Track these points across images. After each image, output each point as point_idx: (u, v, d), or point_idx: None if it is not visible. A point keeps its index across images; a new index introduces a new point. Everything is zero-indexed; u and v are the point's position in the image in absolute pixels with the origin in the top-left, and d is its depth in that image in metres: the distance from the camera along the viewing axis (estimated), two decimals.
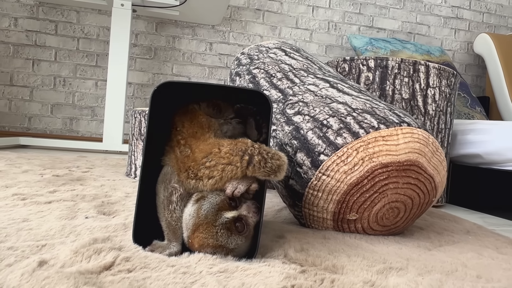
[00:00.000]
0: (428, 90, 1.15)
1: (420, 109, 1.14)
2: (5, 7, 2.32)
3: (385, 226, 0.65)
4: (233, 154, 0.49)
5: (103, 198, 0.77)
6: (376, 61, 1.15)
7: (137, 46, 2.52)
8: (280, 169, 0.49)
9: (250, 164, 0.47)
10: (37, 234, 0.50)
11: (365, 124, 0.63)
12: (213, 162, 0.49)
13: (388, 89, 1.14)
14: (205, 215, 0.46)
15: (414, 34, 3.02)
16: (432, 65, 1.15)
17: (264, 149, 0.49)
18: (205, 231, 0.46)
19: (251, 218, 0.48)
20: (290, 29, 2.75)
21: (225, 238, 0.46)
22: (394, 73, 1.14)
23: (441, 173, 0.65)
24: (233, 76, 1.11)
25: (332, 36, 2.83)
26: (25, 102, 2.38)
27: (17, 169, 1.05)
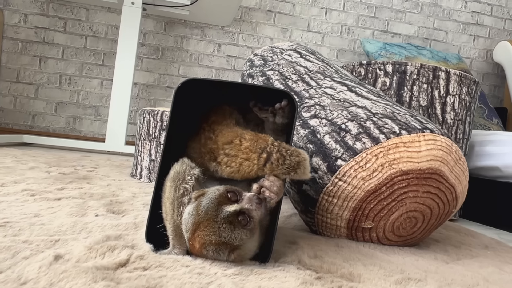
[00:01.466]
0: (448, 97, 1.15)
1: (438, 117, 1.14)
2: (16, 3, 2.36)
3: (401, 236, 0.65)
4: (252, 150, 0.50)
5: (111, 197, 0.78)
6: (394, 66, 1.16)
7: (145, 46, 2.55)
8: (299, 166, 0.50)
9: (267, 161, 0.48)
10: (50, 229, 0.51)
11: (386, 130, 0.64)
12: (233, 152, 0.51)
13: (405, 95, 1.14)
14: (205, 211, 0.45)
15: (431, 40, 3.02)
16: (453, 72, 1.16)
17: (283, 147, 0.50)
18: (207, 228, 0.44)
19: (254, 211, 0.46)
20: (301, 31, 2.77)
21: (229, 233, 0.44)
22: (412, 79, 1.14)
23: (463, 183, 0.65)
24: (246, 77, 1.12)
25: (344, 40, 2.85)
26: (30, 100, 2.41)
27: (23, 165, 1.07)
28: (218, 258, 0.45)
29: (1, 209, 0.58)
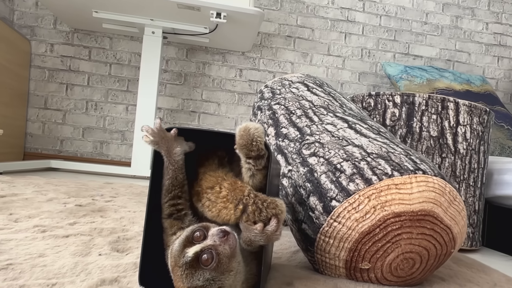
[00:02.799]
0: (458, 128, 1.14)
1: (450, 148, 1.13)
2: (43, 34, 2.50)
3: (400, 277, 0.65)
4: (229, 200, 0.52)
5: (120, 232, 0.82)
6: (403, 97, 1.16)
7: (168, 72, 2.64)
8: (275, 219, 0.51)
9: (244, 213, 0.50)
10: (50, 271, 0.54)
11: (379, 171, 0.65)
12: (213, 198, 0.53)
13: (415, 126, 1.14)
14: (174, 256, 0.45)
15: (453, 61, 2.98)
16: (462, 102, 1.15)
17: (259, 199, 0.51)
18: (175, 274, 0.45)
19: (220, 246, 0.44)
20: (322, 56, 2.80)
21: (190, 278, 0.43)
22: (421, 110, 1.14)
23: (459, 223, 0.65)
24: (255, 109, 1.15)
25: (365, 63, 2.85)
26: (57, 125, 2.53)
27: (43, 196, 1.13)
28: None
29: (8, 248, 0.62)
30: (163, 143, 0.53)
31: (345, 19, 2.83)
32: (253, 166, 0.56)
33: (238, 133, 0.55)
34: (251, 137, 0.55)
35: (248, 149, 0.55)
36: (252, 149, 0.55)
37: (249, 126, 0.55)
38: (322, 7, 2.81)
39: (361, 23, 2.84)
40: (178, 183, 0.53)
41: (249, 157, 0.55)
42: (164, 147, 0.53)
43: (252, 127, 0.55)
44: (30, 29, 2.50)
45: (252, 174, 0.56)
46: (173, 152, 0.53)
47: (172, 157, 0.53)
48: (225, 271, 0.44)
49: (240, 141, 0.55)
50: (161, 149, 0.53)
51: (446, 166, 1.13)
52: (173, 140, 0.54)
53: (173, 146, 0.53)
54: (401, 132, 1.15)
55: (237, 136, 0.55)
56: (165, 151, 0.53)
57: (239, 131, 0.55)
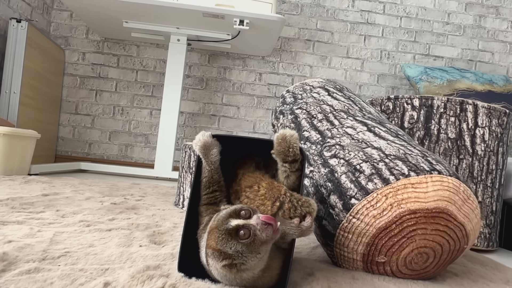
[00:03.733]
0: (477, 129, 1.18)
1: (468, 149, 1.17)
2: (75, 43, 2.64)
3: (414, 270, 0.70)
4: (267, 198, 0.58)
5: (154, 227, 0.89)
6: (421, 100, 1.20)
7: (190, 77, 2.73)
8: (308, 216, 0.57)
9: (280, 209, 0.56)
10: (101, 258, 0.62)
11: (396, 171, 0.70)
12: (251, 196, 0.60)
13: (433, 128, 1.18)
14: (217, 220, 0.51)
15: (476, 61, 2.98)
16: (481, 105, 1.18)
17: (295, 197, 0.57)
18: (213, 236, 0.50)
19: (259, 231, 0.49)
20: (341, 58, 2.84)
21: (223, 243, 0.48)
22: (439, 113, 1.18)
23: (472, 221, 0.69)
24: (278, 114, 1.21)
25: (384, 65, 2.88)
26: (87, 129, 2.65)
27: (80, 195, 1.22)
28: (215, 265, 0.50)
29: (63, 239, 0.70)
30: (203, 148, 0.60)
31: (365, 22, 2.86)
32: (288, 169, 0.62)
33: (276, 140, 0.62)
34: (288, 144, 0.61)
35: (285, 154, 0.61)
36: (289, 155, 0.61)
37: (286, 134, 0.62)
38: (342, 11, 2.85)
39: (381, 25, 2.87)
40: (214, 181, 0.60)
41: (285, 161, 0.62)
42: (202, 151, 0.60)
43: (288, 134, 0.62)
44: (65, 39, 2.63)
45: (287, 175, 0.63)
46: (210, 154, 0.60)
47: (209, 158, 0.60)
48: (254, 251, 0.49)
49: (278, 147, 0.62)
50: (200, 152, 0.61)
51: (463, 168, 1.16)
52: (210, 144, 0.61)
53: (209, 149, 0.60)
54: (419, 135, 1.19)
55: (275, 143, 0.62)
56: (203, 154, 0.60)
57: (277, 138, 0.62)
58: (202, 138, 0.61)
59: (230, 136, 0.64)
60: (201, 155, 0.61)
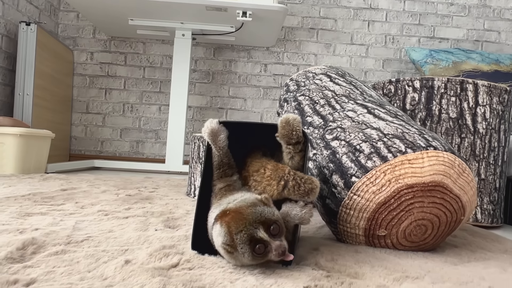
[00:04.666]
0: (478, 108, 1.20)
1: (469, 128, 1.19)
2: (83, 43, 2.70)
3: (414, 242, 0.74)
4: (273, 178, 0.63)
5: (168, 214, 0.94)
6: (422, 82, 1.23)
7: (196, 71, 2.77)
8: (312, 192, 0.62)
9: (285, 188, 0.61)
10: (121, 241, 0.67)
11: (394, 149, 0.74)
12: (259, 179, 0.65)
13: (434, 108, 1.21)
14: (247, 207, 0.54)
15: (482, 42, 2.97)
16: (481, 83, 1.21)
17: (298, 176, 0.62)
18: (236, 221, 0.53)
19: (273, 255, 0.53)
20: (345, 45, 2.85)
21: (241, 240, 0.52)
22: (440, 93, 1.21)
23: (468, 193, 0.73)
24: (282, 102, 1.25)
25: (389, 49, 2.89)
26: (98, 128, 2.72)
27: (97, 189, 1.28)
28: (217, 237, 0.54)
29: (84, 226, 0.76)
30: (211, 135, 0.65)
31: (368, 7, 2.87)
32: (292, 150, 0.67)
33: (280, 124, 0.67)
34: (291, 127, 0.66)
35: (289, 137, 0.66)
36: (292, 137, 0.66)
37: (289, 117, 0.67)
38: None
39: (385, 10, 2.87)
40: (224, 164, 0.65)
41: (289, 144, 0.67)
42: (211, 137, 0.65)
43: (291, 118, 0.66)
44: (73, 40, 2.70)
45: (292, 157, 0.68)
46: (218, 139, 0.65)
47: (217, 144, 0.65)
48: (254, 260, 0.55)
49: (282, 131, 0.66)
50: (209, 138, 0.65)
51: (465, 146, 1.19)
52: (217, 130, 0.65)
53: (217, 135, 0.65)
54: (420, 116, 1.22)
55: (279, 126, 0.67)
56: (211, 139, 0.65)
57: (281, 122, 0.67)
58: (210, 125, 0.65)
59: (236, 122, 0.69)
60: (210, 141, 0.65)
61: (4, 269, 0.49)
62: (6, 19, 2.08)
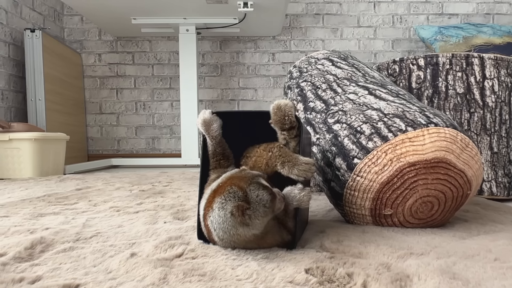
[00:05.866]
0: (485, 82, 1.17)
1: (478, 102, 1.16)
2: (90, 46, 2.73)
3: (421, 219, 0.73)
4: (264, 150, 0.64)
5: (178, 206, 0.96)
6: (426, 59, 1.20)
7: (205, 65, 2.78)
8: (284, 164, 0.62)
9: (271, 157, 0.62)
10: (129, 236, 0.68)
11: (394, 128, 0.73)
12: (251, 154, 0.67)
13: (441, 85, 1.18)
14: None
15: (493, 14, 2.87)
16: (487, 56, 1.17)
17: (283, 149, 0.62)
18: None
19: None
20: (352, 28, 2.81)
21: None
22: (445, 69, 1.18)
23: (473, 167, 0.71)
24: (286, 89, 1.24)
25: (398, 29, 2.83)
26: (113, 127, 2.76)
27: (111, 187, 1.30)
28: (224, 207, 0.54)
29: (95, 223, 0.77)
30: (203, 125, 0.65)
31: None
32: (287, 136, 0.67)
33: (272, 110, 0.66)
34: (283, 113, 0.66)
35: (282, 123, 0.66)
36: (285, 123, 0.66)
37: (280, 103, 0.66)
38: None
39: None
40: (218, 153, 0.65)
41: (283, 129, 0.66)
42: (203, 127, 0.65)
43: (283, 104, 0.66)
44: (79, 43, 2.73)
45: (287, 142, 0.67)
46: (210, 129, 0.65)
47: (210, 133, 0.65)
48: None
49: (275, 117, 0.66)
50: (202, 128, 0.65)
51: (475, 121, 1.16)
52: (209, 120, 0.65)
53: (209, 124, 0.65)
54: (427, 93, 1.20)
55: (271, 113, 0.66)
56: (204, 129, 0.65)
57: (273, 109, 0.66)
58: (202, 116, 0.65)
59: (229, 111, 0.69)
60: (203, 130, 0.65)
61: (12, 269, 0.51)
62: (11, 27, 2.12)
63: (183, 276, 0.48)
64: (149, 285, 0.45)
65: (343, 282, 0.48)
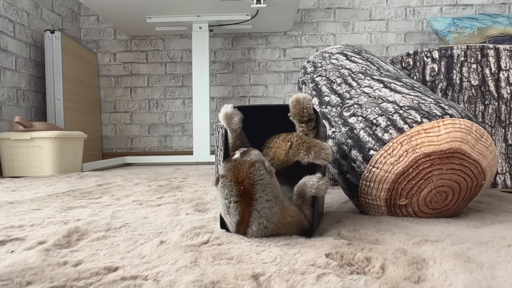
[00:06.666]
0: (500, 73, 1.19)
1: (493, 94, 1.18)
2: (105, 45, 2.79)
3: (435, 209, 0.76)
4: (283, 141, 0.67)
5: (197, 200, 1.00)
6: (441, 52, 1.22)
7: (216, 63, 2.82)
8: (310, 150, 0.65)
9: (291, 147, 0.65)
10: (155, 226, 0.72)
11: (409, 120, 0.75)
12: (271, 145, 0.71)
13: (455, 78, 1.20)
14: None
15: (509, 4, 2.86)
16: (502, 47, 1.19)
17: (303, 138, 0.66)
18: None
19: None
20: (364, 22, 2.82)
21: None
22: (460, 61, 1.20)
23: (488, 157, 0.74)
24: (300, 84, 1.28)
25: (410, 22, 2.83)
26: (127, 126, 2.82)
27: (130, 182, 1.35)
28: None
29: (121, 215, 0.82)
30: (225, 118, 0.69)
31: None
32: (306, 128, 0.70)
33: (291, 104, 0.70)
34: (302, 106, 0.69)
35: (300, 115, 0.70)
36: (304, 115, 0.70)
37: (299, 97, 0.70)
38: None
39: None
40: (237, 146, 0.69)
41: (301, 122, 0.70)
42: (225, 120, 0.69)
43: (301, 97, 0.70)
44: (95, 43, 2.80)
45: (305, 134, 0.71)
46: (232, 122, 0.69)
47: (231, 126, 0.69)
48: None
49: (293, 110, 0.70)
50: (223, 121, 0.69)
51: (489, 113, 1.18)
52: (231, 113, 0.69)
53: (231, 118, 0.69)
54: (441, 86, 1.22)
55: (290, 106, 0.70)
56: (226, 122, 0.69)
57: (292, 102, 0.70)
58: (225, 110, 0.69)
59: (250, 106, 0.73)
60: (225, 123, 0.69)
61: (54, 254, 0.55)
62: (32, 29, 2.19)
63: (212, 259, 0.52)
64: (182, 267, 0.49)
65: (362, 265, 0.52)
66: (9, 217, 0.81)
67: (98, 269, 0.48)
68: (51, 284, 0.44)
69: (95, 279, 0.46)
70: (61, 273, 0.47)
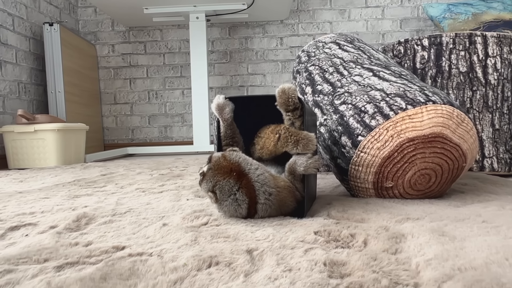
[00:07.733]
0: (488, 60, 1.23)
1: (480, 80, 1.23)
2: (104, 37, 2.82)
3: (420, 190, 0.81)
4: (272, 133, 0.72)
5: (197, 187, 1.05)
6: (430, 39, 1.26)
7: (214, 53, 2.85)
8: (299, 143, 0.70)
9: (279, 139, 0.70)
10: (158, 210, 0.78)
11: (395, 107, 0.80)
12: (262, 135, 0.76)
13: (444, 65, 1.24)
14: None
15: None
16: (490, 35, 1.23)
17: (290, 130, 0.71)
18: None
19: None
20: (360, 9, 2.84)
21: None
22: (449, 49, 1.24)
23: (468, 141, 0.79)
24: (295, 73, 1.32)
25: (406, 8, 2.85)
26: (127, 117, 2.86)
27: (133, 172, 1.41)
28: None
29: (125, 202, 0.87)
30: (217, 109, 0.74)
31: None
32: (292, 116, 0.75)
33: (277, 94, 0.75)
34: (287, 95, 0.74)
35: (286, 105, 0.74)
36: (290, 104, 0.74)
37: (284, 87, 0.74)
38: None
39: None
40: (228, 136, 0.74)
41: (287, 111, 0.75)
42: (217, 110, 0.74)
43: (286, 87, 0.74)
44: (93, 35, 2.83)
45: (292, 123, 0.75)
46: (223, 112, 0.73)
47: (222, 116, 0.74)
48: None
49: (280, 100, 0.74)
50: (215, 111, 0.74)
51: (477, 99, 1.23)
52: (223, 104, 0.74)
53: (223, 108, 0.74)
54: (431, 73, 1.26)
55: (277, 96, 0.75)
56: (218, 112, 0.74)
57: (278, 92, 0.75)
58: (217, 100, 0.74)
59: (240, 96, 0.77)
60: (216, 113, 0.74)
61: (65, 236, 0.61)
62: (30, 22, 2.22)
63: (211, 238, 0.57)
64: (183, 245, 0.54)
65: (346, 241, 0.57)
66: (20, 205, 0.86)
67: (107, 248, 0.53)
68: (65, 260, 0.49)
69: (105, 256, 0.51)
70: (74, 251, 0.53)
